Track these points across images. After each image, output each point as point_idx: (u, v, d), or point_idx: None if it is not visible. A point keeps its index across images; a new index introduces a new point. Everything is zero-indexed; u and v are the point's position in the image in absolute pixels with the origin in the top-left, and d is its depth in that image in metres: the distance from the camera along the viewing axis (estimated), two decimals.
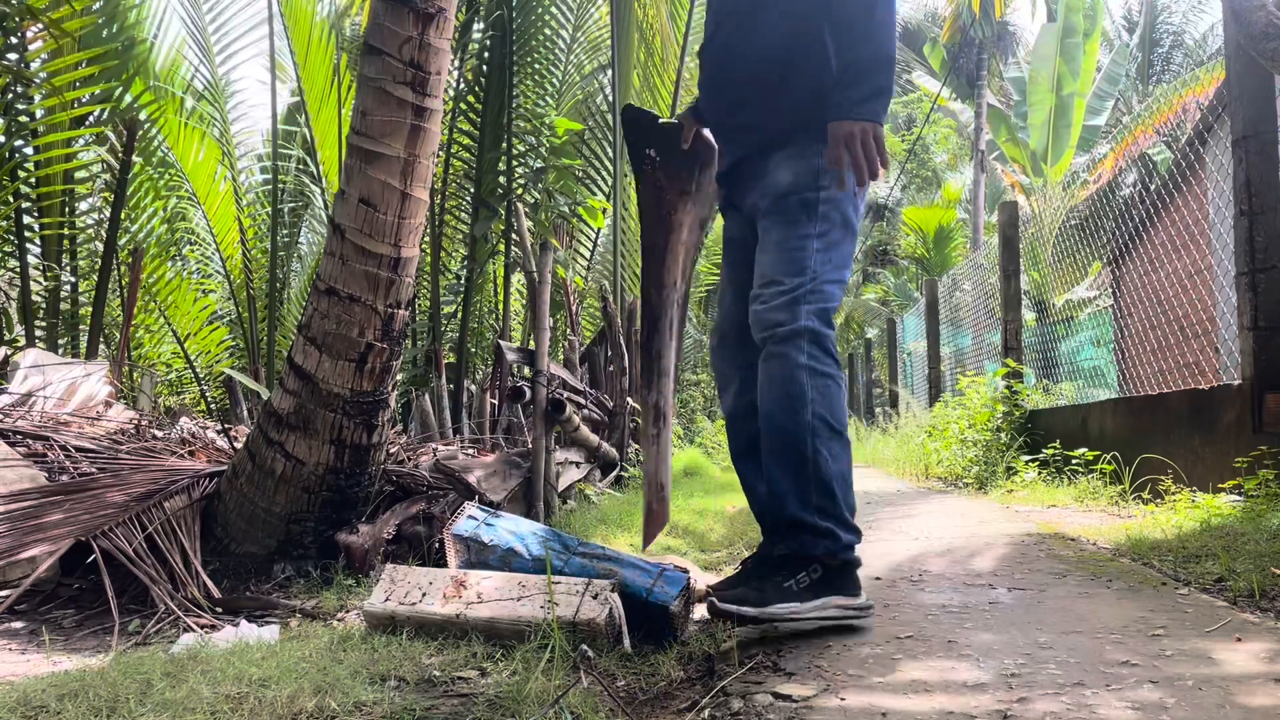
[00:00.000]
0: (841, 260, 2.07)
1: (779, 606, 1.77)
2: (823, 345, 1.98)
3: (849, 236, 2.09)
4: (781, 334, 1.98)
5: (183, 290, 8.81)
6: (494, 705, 1.59)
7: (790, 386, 1.95)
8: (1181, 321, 6.07)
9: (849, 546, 1.93)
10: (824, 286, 2.01)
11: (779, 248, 2.05)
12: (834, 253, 2.05)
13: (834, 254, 2.05)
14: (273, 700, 1.59)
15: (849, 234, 2.09)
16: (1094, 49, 17.78)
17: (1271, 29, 3.17)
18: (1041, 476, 5.32)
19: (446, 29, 2.88)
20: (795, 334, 1.96)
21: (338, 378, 2.86)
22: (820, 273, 2.01)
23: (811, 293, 2.00)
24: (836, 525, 1.91)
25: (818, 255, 2.02)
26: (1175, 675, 1.57)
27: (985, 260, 8.78)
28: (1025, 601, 2.26)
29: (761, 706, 1.53)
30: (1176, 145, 7.80)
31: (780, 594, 1.82)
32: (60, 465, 3.32)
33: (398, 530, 3.09)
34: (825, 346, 1.98)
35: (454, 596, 2.06)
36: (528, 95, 8.51)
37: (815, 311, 1.99)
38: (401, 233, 2.88)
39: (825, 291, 2.01)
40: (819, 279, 2.01)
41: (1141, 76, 22.70)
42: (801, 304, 1.99)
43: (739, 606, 1.73)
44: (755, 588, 1.83)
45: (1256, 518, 3.07)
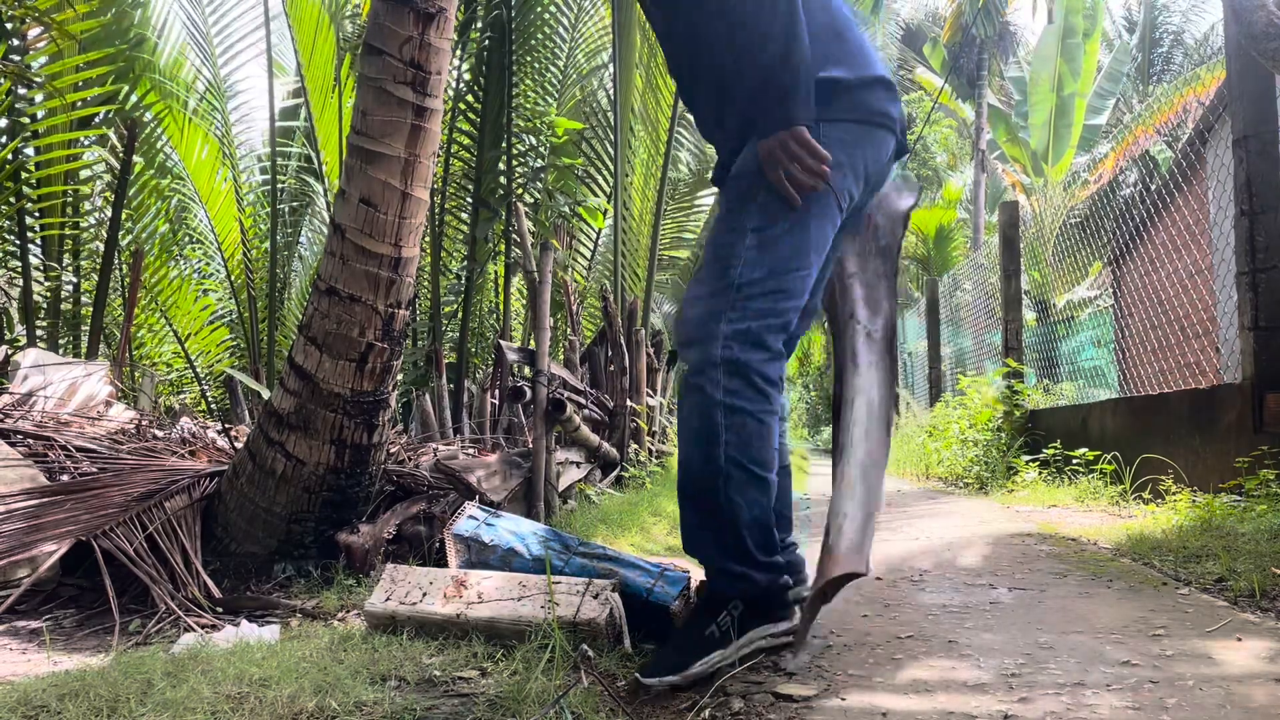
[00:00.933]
0: (784, 261, 1.75)
1: (699, 664, 1.66)
2: (744, 375, 1.71)
3: (798, 231, 1.77)
4: (694, 363, 1.74)
5: (184, 290, 8.82)
6: (494, 705, 1.59)
7: (702, 426, 1.72)
8: (1182, 321, 6.07)
9: (769, 583, 1.79)
10: (752, 300, 1.72)
11: (712, 241, 1.83)
12: (772, 252, 1.74)
13: (771, 254, 1.74)
14: (273, 700, 1.59)
15: (799, 229, 1.77)
16: (1094, 49, 17.79)
17: (1272, 28, 3.17)
18: (1042, 476, 5.31)
19: (447, 29, 2.88)
20: (710, 364, 1.71)
21: (338, 377, 2.87)
22: (748, 279, 1.73)
23: (734, 308, 1.72)
24: (752, 569, 1.76)
25: (749, 254, 1.74)
26: (1176, 675, 1.57)
27: (986, 260, 8.78)
28: (1026, 601, 2.25)
29: (762, 707, 1.53)
30: (1177, 145, 7.79)
31: (700, 647, 1.70)
32: (61, 465, 3.32)
33: (398, 530, 3.10)
34: (747, 377, 1.71)
35: (454, 596, 2.06)
36: (528, 95, 8.51)
37: (736, 335, 1.71)
38: (402, 232, 2.88)
39: (753, 307, 1.72)
40: (746, 289, 1.73)
41: (1142, 76, 22.70)
42: (720, 322, 1.71)
43: (660, 678, 1.63)
44: (677, 648, 1.71)
45: (1257, 518, 3.06)
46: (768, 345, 1.73)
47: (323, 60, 8.29)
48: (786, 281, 1.75)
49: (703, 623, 1.74)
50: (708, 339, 1.71)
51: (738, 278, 1.73)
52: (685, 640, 1.72)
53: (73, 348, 7.16)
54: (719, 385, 1.70)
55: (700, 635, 1.72)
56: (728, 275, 1.73)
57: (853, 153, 1.83)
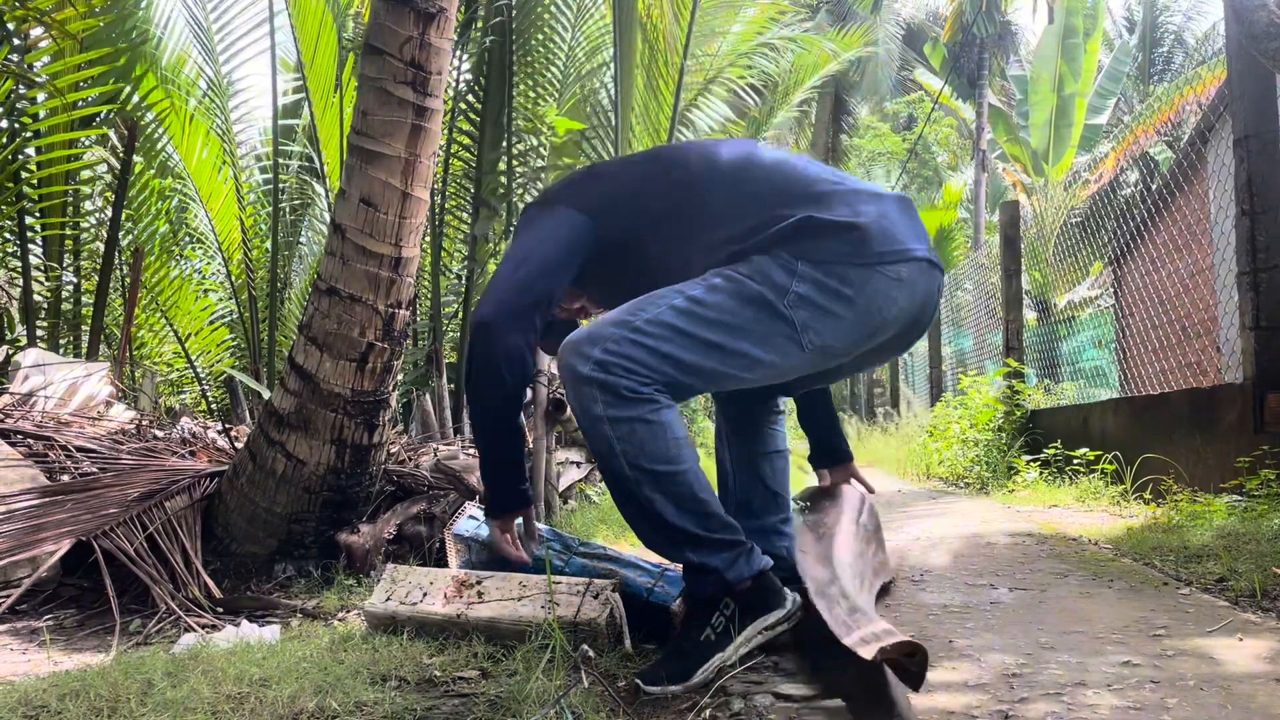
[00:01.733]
0: (693, 336, 1.73)
1: (701, 671, 1.65)
2: (613, 391, 1.69)
3: (729, 329, 1.75)
4: (566, 376, 1.75)
5: (184, 290, 8.81)
6: (495, 705, 1.59)
7: (596, 437, 1.74)
8: (1183, 321, 6.07)
9: (730, 562, 1.75)
10: (637, 347, 1.72)
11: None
12: (690, 321, 1.74)
13: (689, 322, 1.74)
14: (274, 700, 1.59)
15: (733, 326, 1.75)
16: (1095, 49, 17.80)
17: (1273, 28, 3.17)
18: (1043, 476, 5.31)
19: (447, 29, 2.88)
20: (580, 381, 1.72)
21: (339, 377, 2.87)
22: (650, 329, 1.73)
23: (617, 341, 1.72)
24: (706, 553, 1.73)
25: (668, 312, 1.75)
26: (1177, 675, 1.57)
27: (986, 260, 8.78)
28: (1026, 601, 2.25)
29: (763, 707, 1.53)
30: (1178, 145, 7.79)
31: (700, 652, 1.69)
32: (61, 465, 3.32)
33: (398, 530, 3.09)
34: (616, 392, 1.69)
35: (455, 596, 2.06)
36: (528, 95, 8.51)
37: (602, 364, 1.70)
38: (402, 232, 2.88)
39: (632, 352, 1.71)
40: (641, 333, 1.73)
41: (1142, 76, 22.71)
42: (597, 347, 1.72)
43: (664, 686, 1.63)
44: (676, 654, 1.70)
45: (1258, 518, 3.06)
46: (624, 387, 1.69)
47: (325, 60, 8.29)
48: (684, 352, 1.73)
49: (699, 626, 1.73)
50: (579, 357, 1.72)
51: (642, 322, 1.73)
52: (684, 646, 1.71)
53: (73, 348, 7.16)
54: (595, 400, 1.71)
55: (698, 640, 1.71)
56: (636, 315, 1.75)
57: (825, 294, 1.77)
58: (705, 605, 1.76)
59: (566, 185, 2.03)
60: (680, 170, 1.96)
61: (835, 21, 19.27)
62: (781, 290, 1.74)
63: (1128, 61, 20.01)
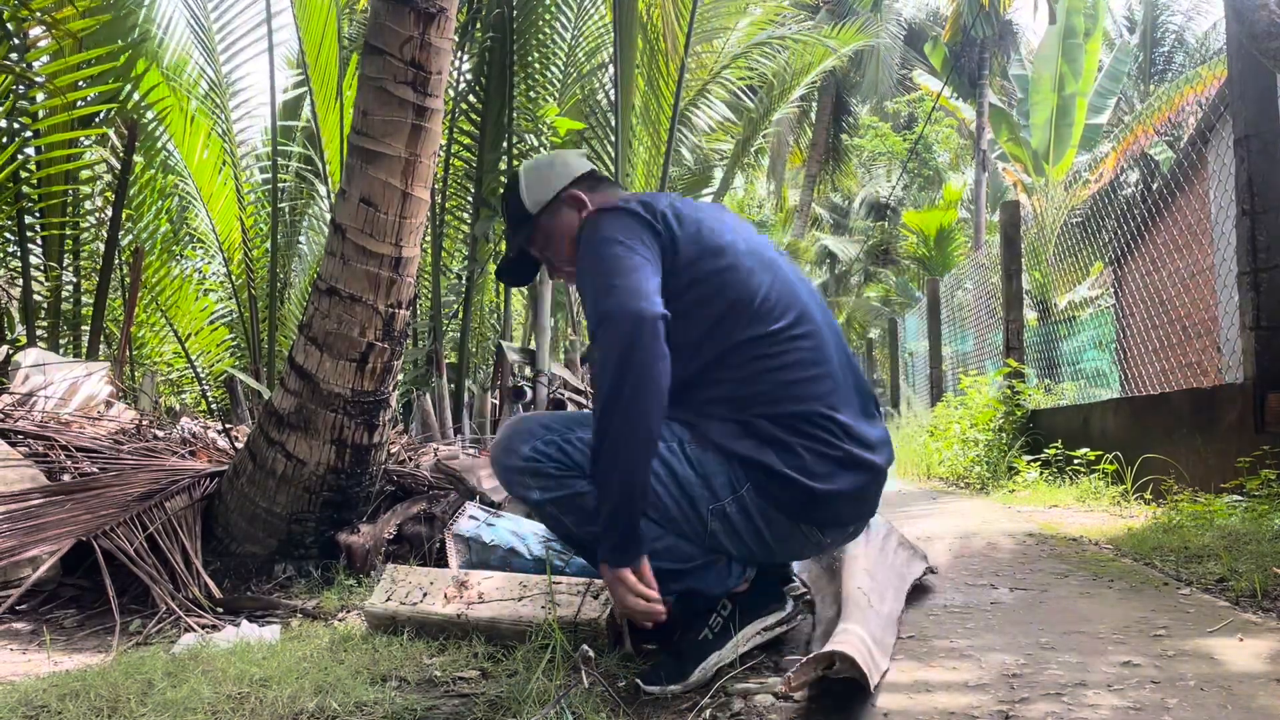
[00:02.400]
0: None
1: (698, 670, 1.67)
2: (541, 474, 1.74)
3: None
4: (501, 475, 1.81)
5: (184, 290, 8.81)
6: (495, 705, 1.59)
7: (543, 518, 1.84)
8: (1183, 321, 6.06)
9: (722, 584, 1.77)
10: (561, 449, 1.75)
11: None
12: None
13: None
14: (274, 700, 1.59)
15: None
16: (1095, 49, 17.78)
17: (1274, 28, 3.16)
18: (1043, 476, 5.31)
19: (448, 28, 2.88)
20: (514, 473, 1.78)
21: (339, 377, 2.86)
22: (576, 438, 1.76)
23: (545, 441, 1.76)
24: (690, 580, 1.75)
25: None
26: (1177, 675, 1.57)
27: (987, 260, 8.78)
28: (1027, 601, 2.25)
29: (763, 707, 1.53)
30: (1178, 145, 7.78)
31: (698, 651, 1.71)
32: (61, 465, 3.32)
33: (399, 530, 3.09)
34: (545, 474, 1.74)
35: (455, 597, 2.06)
36: (529, 95, 8.51)
37: (535, 455, 1.75)
38: (403, 232, 2.88)
39: (554, 448, 1.75)
40: (568, 438, 1.76)
41: (1143, 76, 22.71)
42: (527, 444, 1.77)
43: (662, 686, 1.63)
44: (675, 654, 1.72)
45: (1258, 518, 3.06)
46: (553, 468, 1.73)
47: (328, 59, 8.29)
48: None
49: (696, 627, 1.74)
50: (509, 453, 1.76)
51: (574, 437, 1.75)
52: (682, 646, 1.73)
53: (73, 348, 7.16)
54: (531, 488, 1.75)
55: (696, 640, 1.72)
56: (570, 430, 1.76)
57: (748, 525, 1.75)
58: (700, 606, 1.79)
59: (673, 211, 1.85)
60: (758, 304, 1.79)
61: (835, 21, 19.28)
62: (714, 498, 1.72)
63: (1129, 61, 20.00)
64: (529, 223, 2.02)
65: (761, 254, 1.86)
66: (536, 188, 2.03)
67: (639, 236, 1.76)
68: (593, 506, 1.68)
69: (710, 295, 1.75)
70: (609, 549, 1.63)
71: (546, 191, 2.01)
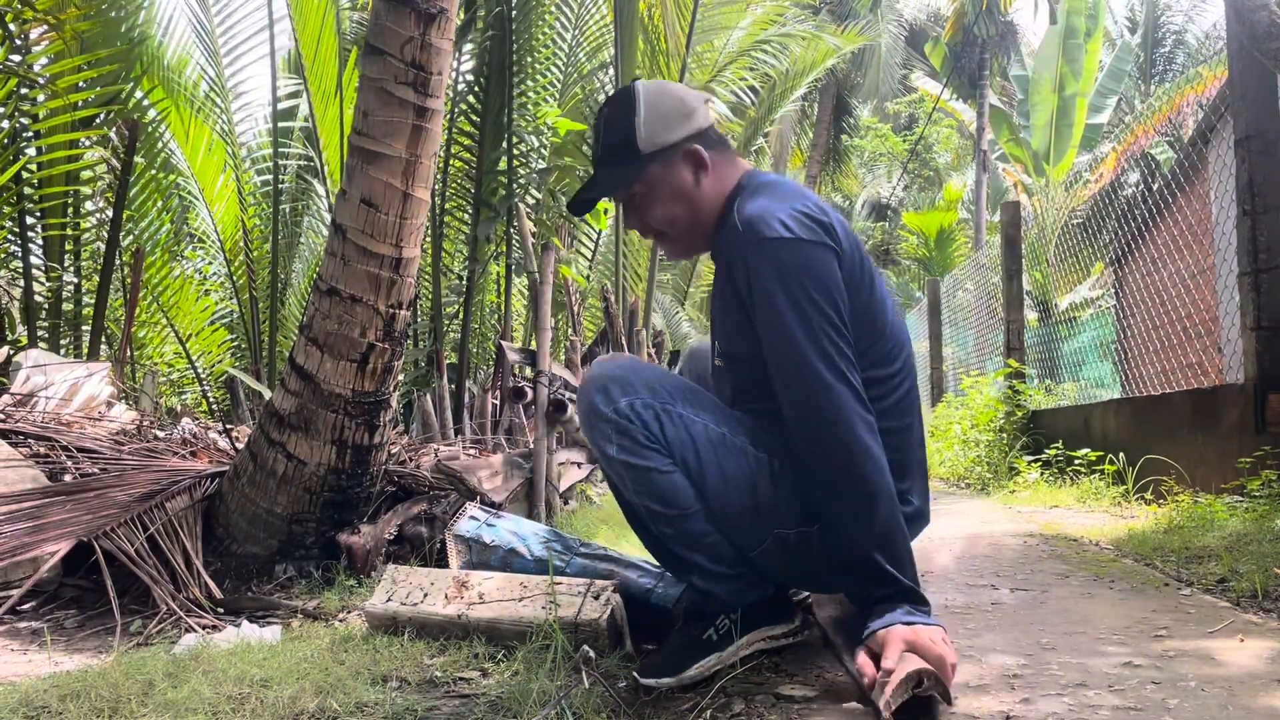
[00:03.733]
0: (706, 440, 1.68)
1: (696, 667, 1.64)
2: (630, 435, 1.65)
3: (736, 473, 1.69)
4: (583, 413, 1.72)
5: (185, 290, 8.82)
6: (496, 706, 1.59)
7: (607, 469, 1.76)
8: (1184, 322, 6.06)
9: (742, 597, 1.74)
10: (652, 399, 1.68)
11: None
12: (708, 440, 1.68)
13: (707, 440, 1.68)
14: (274, 701, 1.59)
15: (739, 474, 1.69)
16: (1096, 49, 17.78)
17: (1274, 29, 3.16)
18: (1044, 477, 5.31)
19: (448, 29, 2.88)
20: (599, 419, 1.69)
21: (339, 378, 2.87)
22: (667, 392, 1.70)
23: (635, 392, 1.68)
24: (717, 583, 1.72)
25: (700, 419, 1.71)
26: (1178, 676, 1.57)
27: (987, 260, 8.77)
28: (1028, 602, 2.25)
29: (764, 708, 1.53)
30: (1179, 145, 7.77)
31: (699, 649, 1.68)
32: (62, 466, 3.33)
33: (399, 531, 3.09)
34: (634, 437, 1.65)
35: (456, 597, 2.06)
36: (529, 95, 8.52)
37: (629, 409, 1.66)
38: (403, 233, 2.88)
39: (648, 399, 1.67)
40: (658, 393, 1.69)
41: (1144, 76, 22.70)
42: (625, 394, 1.68)
43: (658, 679, 1.61)
44: (675, 649, 1.69)
45: (1259, 518, 3.06)
46: (642, 436, 1.65)
47: (325, 60, 8.30)
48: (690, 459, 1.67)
49: (701, 626, 1.72)
50: (603, 395, 1.66)
51: (676, 411, 1.67)
52: (684, 642, 1.71)
53: (74, 348, 7.16)
54: (610, 440, 1.66)
55: (699, 638, 1.70)
56: (674, 403, 1.67)
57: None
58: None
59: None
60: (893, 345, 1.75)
61: (836, 21, 19.27)
62: (782, 524, 1.68)
63: (1129, 61, 19.99)
64: (639, 163, 1.75)
65: (881, 281, 1.79)
66: (657, 124, 1.74)
67: (837, 290, 1.62)
68: (662, 485, 1.65)
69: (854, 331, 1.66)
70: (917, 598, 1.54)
71: (668, 133, 1.75)
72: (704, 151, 1.76)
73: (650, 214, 1.81)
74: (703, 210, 1.78)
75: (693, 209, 1.78)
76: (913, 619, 1.49)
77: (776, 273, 1.59)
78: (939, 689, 1.39)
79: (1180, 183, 6.41)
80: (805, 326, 1.57)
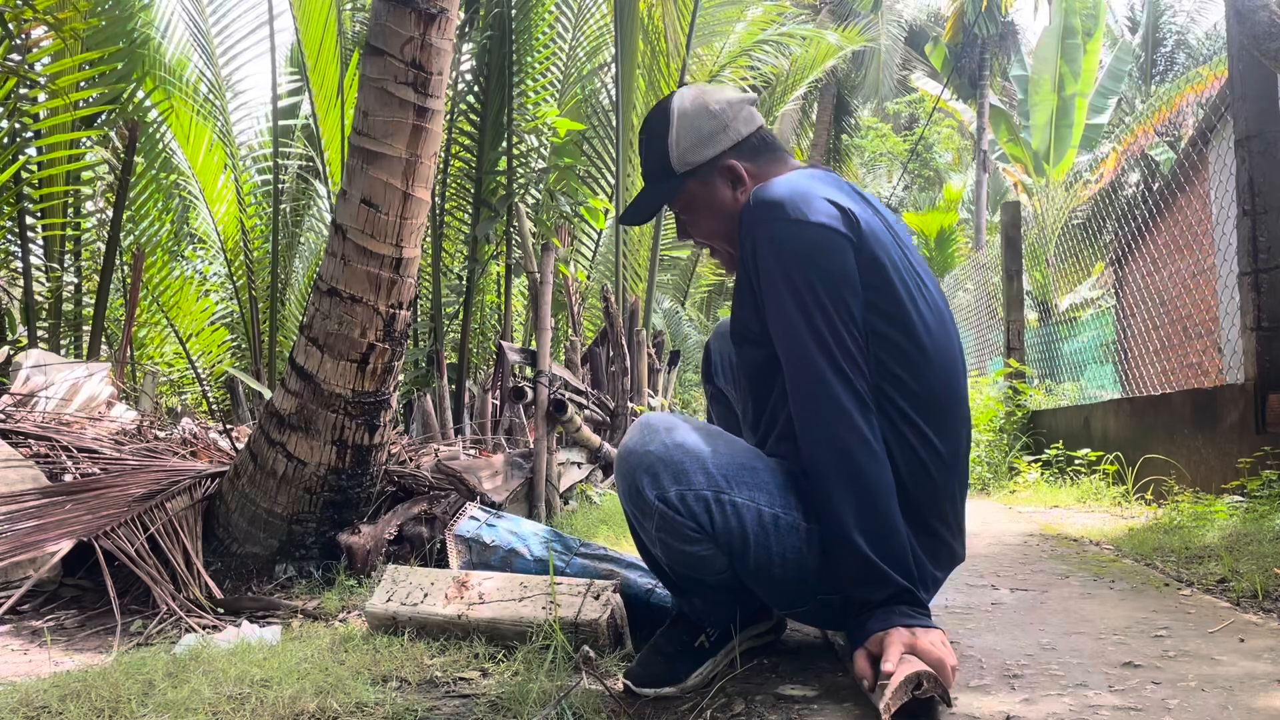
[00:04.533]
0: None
1: (694, 675, 1.63)
2: (675, 531, 1.55)
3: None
4: (625, 491, 1.62)
5: (185, 291, 8.83)
6: (496, 706, 1.59)
7: (636, 531, 1.69)
8: (1184, 322, 6.06)
9: (731, 616, 1.71)
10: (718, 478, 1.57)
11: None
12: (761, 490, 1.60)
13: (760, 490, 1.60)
14: (275, 701, 1.59)
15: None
16: (1095, 49, 17.79)
17: (1274, 28, 3.16)
18: (1044, 477, 5.31)
19: (448, 29, 2.88)
20: (643, 501, 1.58)
21: (340, 378, 2.87)
22: (730, 471, 1.59)
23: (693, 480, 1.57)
24: (712, 606, 1.69)
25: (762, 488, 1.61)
26: (1178, 676, 1.57)
27: (988, 260, 8.78)
28: (1028, 602, 2.25)
29: (764, 708, 1.53)
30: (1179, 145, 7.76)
31: (694, 656, 1.66)
32: (63, 466, 3.33)
33: (399, 531, 3.09)
34: (679, 532, 1.55)
35: (456, 597, 2.06)
36: (529, 95, 8.52)
37: (678, 497, 1.54)
38: (403, 233, 2.88)
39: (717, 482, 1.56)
40: (726, 474, 1.59)
41: (1145, 76, 22.70)
42: (679, 483, 1.56)
43: (656, 688, 1.59)
44: (669, 656, 1.66)
45: (1260, 518, 3.06)
46: (689, 529, 1.54)
47: (327, 60, 8.30)
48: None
49: (694, 631, 1.70)
50: (652, 480, 1.54)
51: (730, 498, 1.55)
52: (678, 649, 1.68)
53: (74, 348, 7.17)
54: (650, 523, 1.56)
55: (691, 644, 1.68)
56: (730, 487, 1.56)
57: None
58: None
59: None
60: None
61: (836, 21, 19.28)
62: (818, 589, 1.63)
63: (1130, 61, 19.99)
64: (674, 182, 1.76)
65: (937, 295, 1.68)
66: (689, 143, 1.73)
67: (844, 279, 1.55)
68: (696, 562, 1.56)
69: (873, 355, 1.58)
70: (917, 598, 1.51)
71: (702, 151, 1.73)
72: (740, 165, 1.74)
73: (693, 228, 1.83)
74: None
75: (731, 223, 1.74)
76: (912, 621, 1.47)
77: (780, 253, 1.56)
78: (939, 691, 1.39)
79: (1180, 183, 6.41)
80: (805, 314, 1.53)
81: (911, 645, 1.43)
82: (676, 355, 9.36)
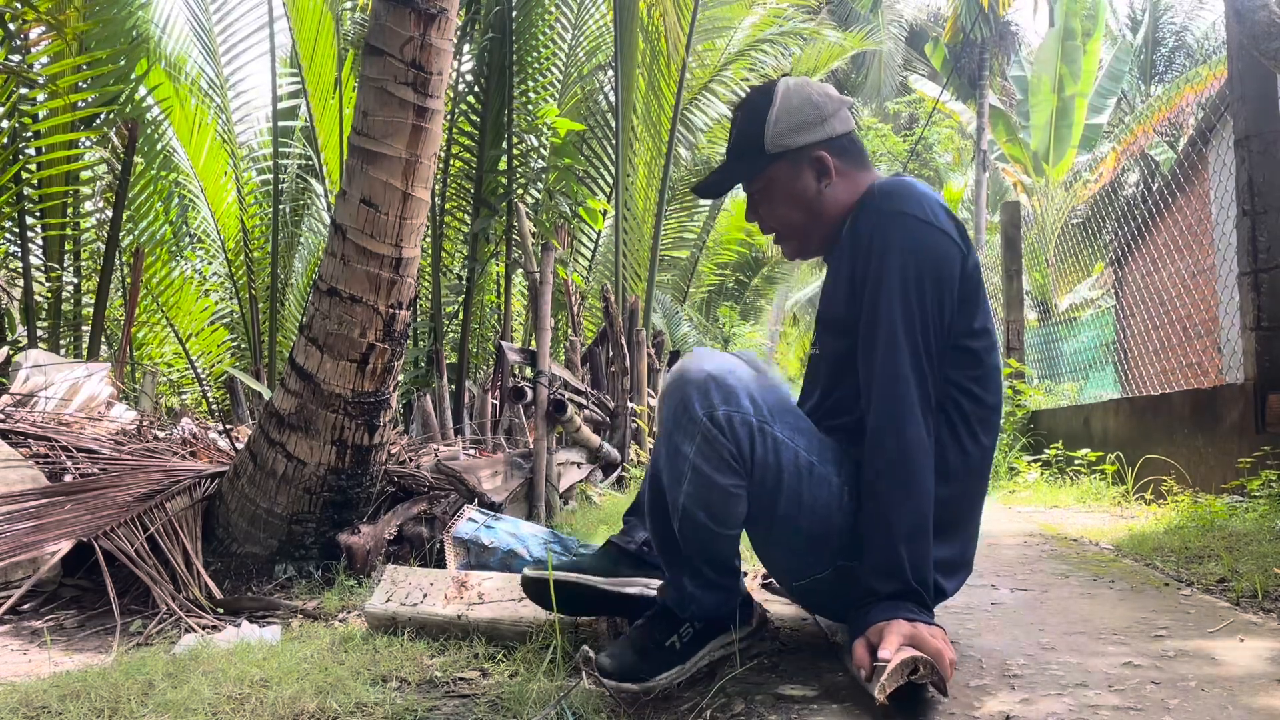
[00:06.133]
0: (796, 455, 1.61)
1: (661, 678, 1.61)
2: (717, 450, 1.54)
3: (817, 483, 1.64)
4: (672, 409, 1.61)
5: (185, 291, 8.83)
6: (495, 706, 1.59)
7: (669, 469, 1.64)
8: (1184, 322, 6.06)
9: (720, 609, 1.70)
10: (756, 406, 1.59)
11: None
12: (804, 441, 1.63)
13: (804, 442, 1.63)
14: (274, 701, 1.59)
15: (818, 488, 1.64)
16: (1095, 49, 17.78)
17: (1274, 28, 3.16)
18: (1044, 477, 5.31)
19: (448, 29, 2.88)
20: (689, 420, 1.57)
21: (339, 378, 2.87)
22: (775, 406, 1.62)
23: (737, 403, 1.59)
24: (705, 590, 1.68)
25: (795, 439, 1.64)
26: (1178, 676, 1.57)
27: (987, 260, 8.78)
28: (1028, 602, 2.25)
29: (764, 708, 1.53)
30: (1179, 145, 7.77)
31: (662, 660, 1.64)
32: (62, 466, 3.33)
33: (399, 531, 3.09)
34: (720, 454, 1.54)
35: (455, 597, 2.06)
36: (529, 95, 8.52)
37: (726, 415, 1.55)
38: (403, 233, 2.88)
39: (753, 408, 1.58)
40: (768, 408, 1.61)
41: (1144, 76, 22.69)
42: (722, 401, 1.57)
43: (620, 683, 1.57)
44: (640, 652, 1.64)
45: (1260, 518, 3.06)
46: (729, 453, 1.54)
47: (324, 60, 8.30)
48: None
49: (666, 630, 1.68)
50: (702, 395, 1.54)
51: (771, 433, 1.57)
52: (648, 645, 1.66)
53: (74, 348, 7.16)
54: (692, 442, 1.54)
55: (662, 645, 1.66)
56: (772, 423, 1.58)
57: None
58: (676, 616, 1.71)
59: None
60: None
61: (836, 22, 19.28)
62: (832, 559, 1.67)
63: (1129, 60, 19.99)
64: (763, 161, 1.75)
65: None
66: (787, 125, 1.73)
67: (949, 289, 1.60)
68: (722, 504, 1.55)
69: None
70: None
71: (796, 136, 1.73)
72: (830, 159, 1.74)
73: (767, 212, 1.81)
74: (822, 217, 1.76)
75: (810, 214, 1.76)
76: (914, 616, 1.49)
77: (904, 249, 1.58)
78: (934, 679, 1.38)
79: (1180, 183, 6.41)
80: (906, 311, 1.57)
81: (911, 636, 1.45)
82: (676, 355, 9.36)
